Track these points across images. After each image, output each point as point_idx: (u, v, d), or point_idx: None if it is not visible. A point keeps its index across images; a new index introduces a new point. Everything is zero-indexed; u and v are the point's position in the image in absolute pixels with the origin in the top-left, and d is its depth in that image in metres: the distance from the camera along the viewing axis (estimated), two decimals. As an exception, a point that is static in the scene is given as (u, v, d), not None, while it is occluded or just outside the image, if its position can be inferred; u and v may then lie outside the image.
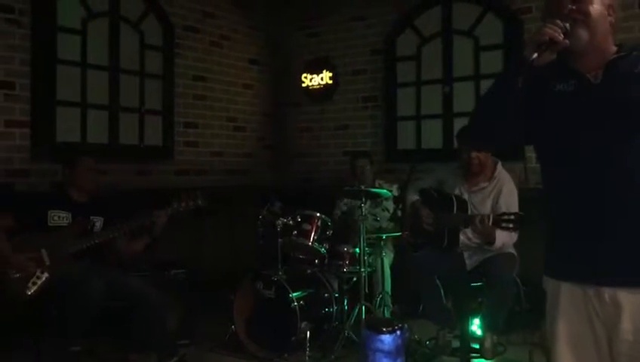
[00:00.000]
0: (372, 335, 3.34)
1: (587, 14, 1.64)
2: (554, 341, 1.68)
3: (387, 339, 3.31)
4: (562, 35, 1.58)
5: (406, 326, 3.54)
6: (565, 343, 1.65)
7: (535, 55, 1.58)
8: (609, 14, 1.68)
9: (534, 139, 1.79)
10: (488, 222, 3.38)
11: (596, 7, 1.65)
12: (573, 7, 1.64)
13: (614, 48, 1.69)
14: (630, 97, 1.58)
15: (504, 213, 3.37)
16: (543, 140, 1.75)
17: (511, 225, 3.27)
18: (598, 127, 1.61)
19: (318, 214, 4.14)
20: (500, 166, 3.86)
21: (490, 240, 3.59)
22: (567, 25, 1.60)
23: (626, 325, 1.54)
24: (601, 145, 1.60)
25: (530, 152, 4.64)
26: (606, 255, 1.58)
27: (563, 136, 1.68)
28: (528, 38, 1.64)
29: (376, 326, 3.38)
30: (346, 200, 4.76)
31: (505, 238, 3.60)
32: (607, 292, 1.57)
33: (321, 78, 6.07)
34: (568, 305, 1.65)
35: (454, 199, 3.67)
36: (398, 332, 3.34)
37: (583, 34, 1.63)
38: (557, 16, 1.62)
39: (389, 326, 3.36)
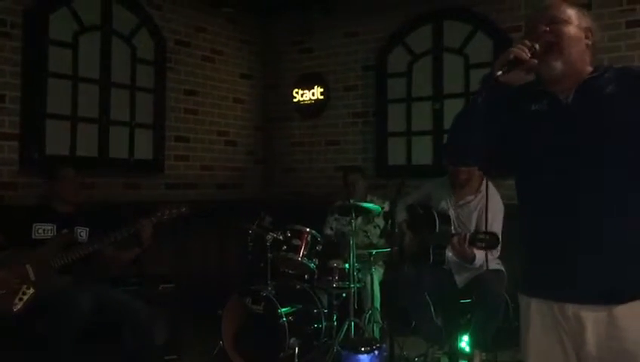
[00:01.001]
0: (350, 356, 3.33)
1: (561, 36, 1.67)
2: (526, 356, 1.74)
3: (365, 360, 3.31)
4: (529, 55, 1.61)
5: (385, 345, 3.53)
6: (536, 358, 1.71)
7: (499, 73, 1.62)
8: (586, 37, 1.72)
9: (512, 158, 1.81)
10: (465, 242, 3.39)
11: (571, 31, 1.69)
12: (547, 29, 1.68)
13: (590, 69, 1.72)
14: (599, 118, 1.62)
15: (480, 232, 3.38)
16: (519, 158, 1.78)
17: (484, 245, 3.27)
18: (569, 147, 1.64)
19: (308, 229, 4.14)
20: (486, 180, 3.88)
21: (466, 260, 3.59)
22: (536, 45, 1.63)
23: (590, 340, 1.59)
24: (571, 166, 1.64)
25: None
26: (568, 273, 1.63)
27: (536, 154, 1.72)
28: (498, 57, 1.67)
29: (354, 347, 3.38)
30: (336, 215, 4.76)
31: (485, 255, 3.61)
32: (570, 309, 1.62)
33: (313, 94, 6.10)
34: (538, 320, 1.70)
35: (436, 216, 3.68)
36: (376, 352, 3.34)
37: (557, 64, 1.66)
38: (531, 37, 1.67)
39: (367, 346, 3.36)
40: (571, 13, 1.72)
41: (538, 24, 1.71)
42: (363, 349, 3.34)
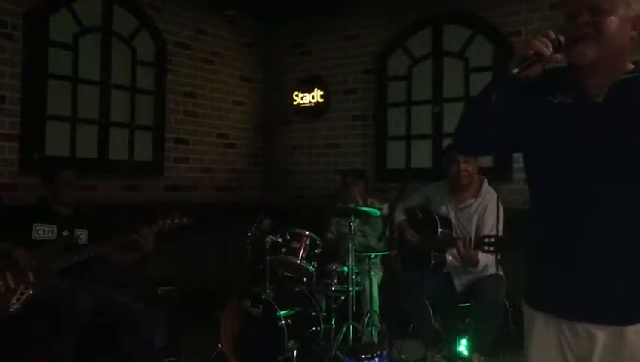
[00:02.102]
0: (352, 362, 3.34)
1: (601, 31, 1.52)
2: None
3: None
4: (552, 50, 1.50)
5: (386, 352, 3.53)
6: None
7: (515, 70, 1.50)
8: (633, 27, 1.55)
9: (526, 150, 1.71)
10: (470, 245, 3.39)
11: (614, 22, 1.52)
12: (588, 21, 1.52)
13: (630, 66, 1.58)
14: (630, 125, 1.51)
15: (485, 236, 3.38)
16: (534, 153, 1.67)
17: (491, 248, 3.27)
18: (591, 149, 1.54)
19: (307, 232, 4.14)
20: (486, 183, 3.87)
21: (472, 263, 3.59)
22: (561, 38, 1.52)
23: (598, 356, 1.54)
24: (590, 171, 1.53)
25: (518, 173, 4.69)
26: (582, 289, 1.55)
27: (554, 151, 1.60)
28: (516, 48, 1.58)
29: (356, 353, 3.38)
30: (336, 218, 4.76)
31: (488, 259, 3.61)
32: (581, 327, 1.56)
33: (313, 96, 6.10)
34: (542, 334, 1.64)
35: (438, 219, 3.68)
36: (377, 360, 3.34)
37: (590, 51, 1.52)
38: (570, 28, 1.54)
39: (369, 352, 3.36)
40: None
41: (579, 9, 1.54)
42: (364, 356, 3.34)
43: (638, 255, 1.51)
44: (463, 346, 3.77)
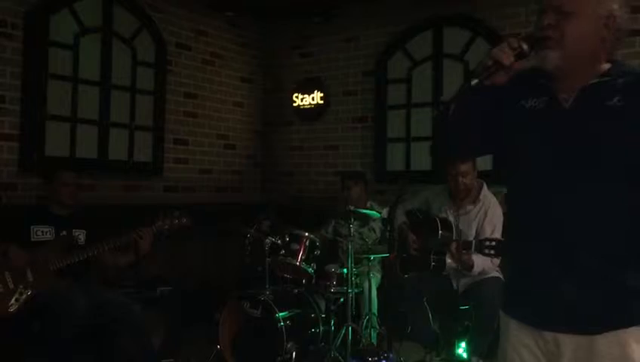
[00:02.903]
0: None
1: (563, 35, 1.47)
2: None
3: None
4: (513, 58, 1.47)
5: (392, 355, 3.53)
6: None
7: (474, 82, 1.49)
8: (606, 26, 1.48)
9: (498, 153, 1.71)
10: (468, 249, 3.39)
11: (579, 26, 1.47)
12: (551, 23, 1.48)
13: (604, 67, 1.53)
14: (597, 129, 1.48)
15: (486, 239, 3.38)
16: (507, 157, 1.66)
17: (492, 252, 3.28)
18: (561, 152, 1.51)
19: (306, 234, 4.14)
20: (485, 188, 3.88)
21: (466, 266, 3.59)
22: (524, 45, 1.48)
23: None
24: (561, 177, 1.51)
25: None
26: (549, 300, 1.55)
27: (526, 156, 1.59)
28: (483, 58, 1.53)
29: (363, 356, 3.38)
30: (336, 220, 4.77)
31: (486, 263, 3.61)
32: (550, 335, 1.56)
33: (312, 98, 6.11)
34: (516, 340, 1.64)
35: (439, 221, 3.68)
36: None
37: (553, 56, 1.48)
38: (536, 27, 1.52)
39: (375, 355, 3.36)
40: None
41: (546, 9, 1.50)
42: (370, 359, 3.36)
43: (607, 265, 1.48)
44: (461, 349, 3.77)
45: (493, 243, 3.27)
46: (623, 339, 1.48)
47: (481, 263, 3.60)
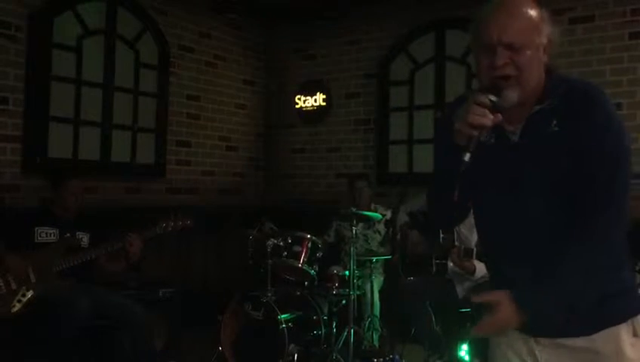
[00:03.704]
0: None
1: (520, 70, 1.46)
2: None
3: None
4: (491, 116, 1.42)
5: (397, 356, 3.53)
6: None
7: (467, 156, 1.43)
8: (545, 50, 1.50)
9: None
10: (470, 256, 3.38)
11: (531, 57, 1.47)
12: (507, 62, 1.46)
13: (541, 86, 1.53)
14: (539, 160, 1.50)
15: None
16: (465, 189, 1.62)
17: None
18: (515, 185, 1.54)
19: (308, 236, 4.14)
20: None
21: (468, 272, 3.59)
22: (493, 98, 1.44)
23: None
24: (517, 205, 1.54)
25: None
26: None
27: (484, 190, 1.61)
28: (456, 126, 1.45)
29: (368, 357, 3.38)
30: (339, 222, 4.77)
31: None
32: (545, 339, 1.58)
33: (315, 100, 6.11)
34: (505, 346, 1.65)
35: None
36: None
37: (513, 96, 1.47)
38: (489, 67, 1.48)
39: (380, 356, 3.36)
40: (531, 28, 1.47)
41: (494, 49, 1.46)
42: (375, 360, 3.36)
43: (588, 276, 1.49)
44: (463, 351, 3.77)
45: None
46: (616, 335, 1.52)
47: (484, 267, 3.59)
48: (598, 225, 1.47)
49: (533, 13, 1.49)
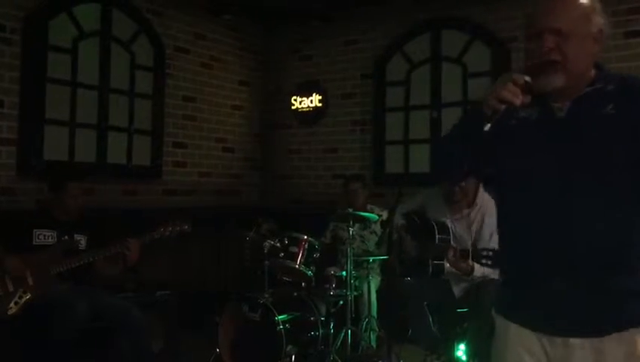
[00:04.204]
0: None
1: (566, 56, 1.48)
2: None
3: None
4: (520, 96, 1.45)
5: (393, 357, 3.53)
6: None
7: (488, 127, 1.47)
8: (596, 40, 1.52)
9: (494, 165, 1.70)
10: (466, 256, 3.37)
11: (578, 44, 1.49)
12: (553, 47, 1.49)
13: (591, 75, 1.56)
14: (593, 138, 1.50)
15: (484, 249, 3.36)
16: (503, 169, 1.66)
17: (490, 262, 3.26)
18: (557, 163, 1.53)
19: (305, 237, 4.14)
20: (481, 190, 3.85)
21: (465, 273, 3.59)
22: (527, 79, 1.47)
23: None
24: (561, 184, 1.52)
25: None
26: (555, 305, 1.54)
27: (521, 166, 1.59)
28: (487, 94, 1.49)
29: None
30: (335, 223, 4.77)
31: (486, 269, 3.60)
32: (559, 338, 1.56)
33: (311, 101, 6.11)
34: (517, 343, 1.63)
35: (435, 226, 3.66)
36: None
37: (557, 80, 1.49)
38: (536, 52, 1.51)
39: (375, 359, 3.37)
40: (581, 16, 1.50)
41: (542, 34, 1.50)
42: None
43: (611, 270, 1.49)
44: (461, 351, 3.77)
45: (491, 253, 3.24)
46: (630, 339, 1.51)
47: (481, 268, 3.59)
48: None
49: (583, 2, 1.52)
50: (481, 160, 1.69)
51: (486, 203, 3.81)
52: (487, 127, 1.47)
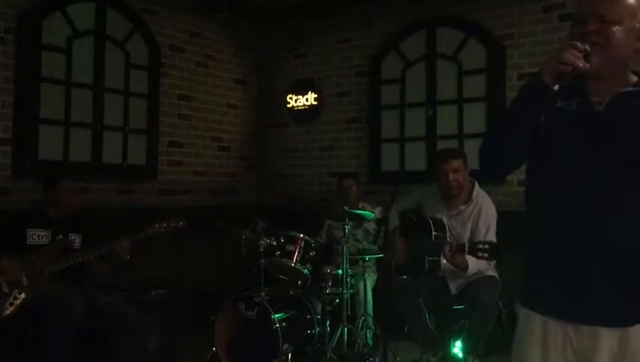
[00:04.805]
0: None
1: (608, 40, 1.55)
2: None
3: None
4: (583, 61, 1.51)
5: (377, 359, 3.54)
6: None
7: (556, 86, 1.52)
8: (638, 39, 1.58)
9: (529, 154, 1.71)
10: (462, 251, 3.38)
11: (621, 32, 1.56)
12: (595, 30, 1.56)
13: (633, 78, 1.62)
14: (629, 136, 1.55)
15: (479, 242, 3.37)
16: (537, 157, 1.69)
17: (486, 255, 3.27)
18: (593, 155, 1.57)
19: (301, 235, 4.14)
20: (477, 187, 3.87)
21: (460, 268, 3.60)
22: (587, 47, 1.52)
23: (602, 356, 1.55)
24: (589, 178, 1.57)
25: (511, 175, 4.69)
26: (583, 293, 1.57)
27: (557, 156, 1.64)
28: (546, 61, 1.55)
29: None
30: (330, 221, 4.77)
31: (481, 263, 3.62)
32: (586, 328, 1.58)
33: (306, 99, 6.11)
34: (541, 334, 1.65)
35: (431, 222, 3.67)
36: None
37: (596, 60, 1.53)
38: (579, 34, 1.57)
39: (362, 359, 3.38)
40: (626, 8, 1.57)
41: (587, 18, 1.58)
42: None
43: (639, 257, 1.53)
44: (457, 348, 3.78)
45: (487, 246, 3.26)
46: None
47: (476, 264, 3.60)
48: None
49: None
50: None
51: (482, 199, 3.82)
52: (556, 86, 1.52)
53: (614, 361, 1.55)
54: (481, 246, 3.29)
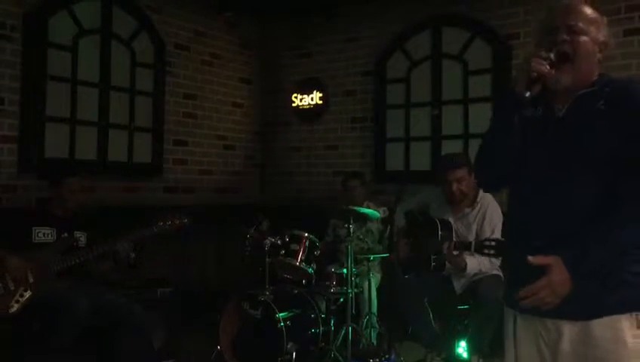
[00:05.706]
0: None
1: (576, 50, 1.67)
2: None
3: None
4: (548, 67, 1.64)
5: (393, 356, 3.53)
6: None
7: (528, 93, 1.64)
8: (600, 50, 1.72)
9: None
10: (468, 249, 3.38)
11: (588, 44, 1.69)
12: (566, 38, 1.68)
13: (594, 79, 1.73)
14: (583, 135, 1.65)
15: (486, 239, 3.37)
16: (515, 164, 1.80)
17: (492, 252, 3.27)
18: (553, 156, 1.69)
19: (306, 234, 4.14)
20: (482, 190, 3.85)
21: (458, 267, 3.59)
22: (551, 55, 1.65)
23: (565, 347, 1.68)
24: (551, 175, 1.69)
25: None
26: None
27: (528, 159, 1.75)
28: (516, 73, 1.68)
29: (364, 357, 3.39)
30: (335, 220, 4.77)
31: (483, 263, 3.61)
32: (550, 322, 1.71)
33: (312, 98, 6.11)
34: (521, 330, 1.80)
35: (438, 223, 3.66)
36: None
37: (565, 79, 1.67)
38: (549, 43, 1.68)
39: (376, 356, 3.37)
40: (592, 22, 1.72)
41: (558, 29, 1.70)
42: (372, 360, 3.38)
43: (597, 253, 1.61)
44: (462, 348, 3.77)
45: (493, 243, 3.26)
46: (615, 323, 1.62)
47: (476, 264, 3.60)
48: None
49: (593, 13, 1.75)
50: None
51: (487, 201, 3.81)
52: (528, 93, 1.64)
53: (576, 349, 1.66)
54: (487, 243, 3.28)
